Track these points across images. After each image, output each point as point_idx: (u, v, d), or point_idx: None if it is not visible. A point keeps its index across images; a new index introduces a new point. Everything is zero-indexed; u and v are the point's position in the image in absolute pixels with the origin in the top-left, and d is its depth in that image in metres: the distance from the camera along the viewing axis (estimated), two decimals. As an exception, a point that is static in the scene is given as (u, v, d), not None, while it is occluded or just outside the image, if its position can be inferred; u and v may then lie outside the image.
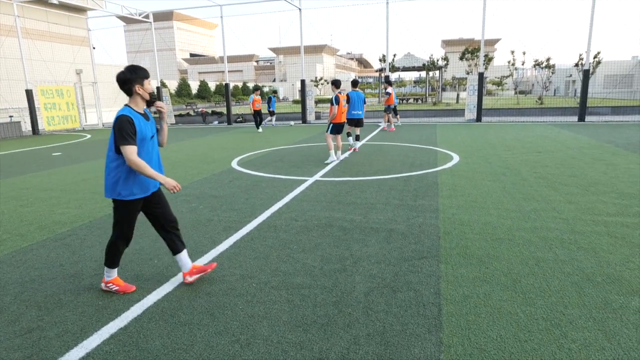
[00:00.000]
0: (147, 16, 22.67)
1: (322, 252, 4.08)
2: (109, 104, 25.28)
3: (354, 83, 10.76)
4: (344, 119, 9.14)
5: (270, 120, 20.54)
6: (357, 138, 10.99)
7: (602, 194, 5.85)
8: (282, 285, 3.39)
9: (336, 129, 9.10)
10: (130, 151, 2.94)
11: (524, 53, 30.95)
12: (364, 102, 10.68)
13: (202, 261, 3.93)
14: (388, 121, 16.51)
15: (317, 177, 7.60)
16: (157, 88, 22.46)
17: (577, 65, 26.91)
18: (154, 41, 22.71)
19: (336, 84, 9.08)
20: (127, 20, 38.56)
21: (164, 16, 70.26)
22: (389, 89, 16.45)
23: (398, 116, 18.56)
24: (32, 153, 12.88)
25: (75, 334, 2.80)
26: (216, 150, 11.92)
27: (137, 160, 2.96)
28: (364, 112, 10.69)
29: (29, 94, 19.62)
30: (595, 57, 27.14)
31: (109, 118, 26.04)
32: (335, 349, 2.55)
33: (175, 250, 3.40)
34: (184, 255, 3.42)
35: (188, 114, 26.01)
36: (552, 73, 31.02)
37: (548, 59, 29.33)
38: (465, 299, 3.08)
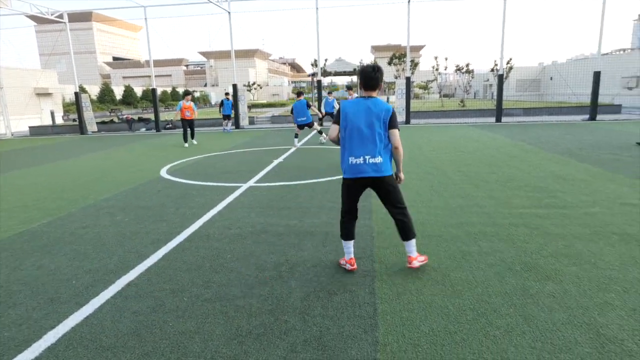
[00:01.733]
0: (60, 16, 21.04)
1: (256, 259, 3.99)
2: (19, 111, 23.10)
3: (298, 94, 12.71)
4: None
5: (227, 126, 19.16)
6: (321, 132, 12.88)
7: (518, 189, 6.32)
8: (216, 297, 3.26)
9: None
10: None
11: (446, 59, 33.04)
12: (308, 107, 12.30)
13: (128, 278, 3.68)
14: None
15: (251, 183, 7.47)
16: (76, 94, 20.91)
17: (492, 70, 29.09)
18: (70, 43, 21.12)
19: (299, 94, 12.42)
20: (38, 20, 35.62)
21: (82, 17, 65.82)
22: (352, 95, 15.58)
23: None
24: None
25: (-24, 371, 2.48)
26: (143, 158, 11.31)
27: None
28: (311, 115, 12.54)
29: None
30: (507, 63, 29.52)
31: (20, 127, 23.82)
32: (271, 359, 2.48)
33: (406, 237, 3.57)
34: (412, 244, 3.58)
35: (112, 121, 24.48)
36: (472, 77, 33.27)
37: (467, 65, 31.45)
38: (399, 296, 3.16)
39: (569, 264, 3.63)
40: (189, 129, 13.84)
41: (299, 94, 12.61)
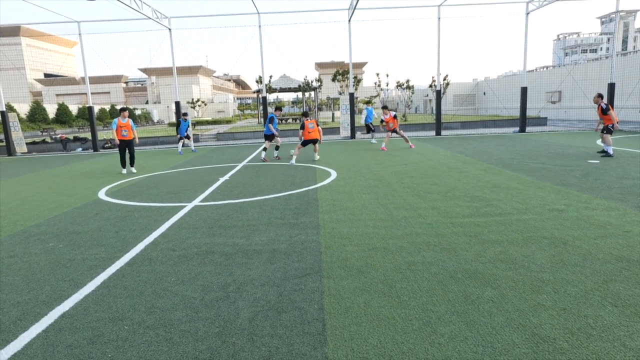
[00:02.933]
0: (-16, 31, 19.60)
1: (203, 281, 3.87)
2: None
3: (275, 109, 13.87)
4: (312, 137, 12.04)
5: (184, 145, 17.63)
6: (277, 148, 13.53)
7: (458, 199, 6.64)
8: (159, 324, 3.12)
9: (304, 143, 12.31)
10: None
11: (387, 75, 34.10)
12: (270, 122, 12.92)
13: (62, 309, 3.42)
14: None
15: (197, 202, 7.27)
16: (2, 113, 19.45)
17: (431, 86, 30.53)
18: (-5, 59, 19.70)
19: (305, 114, 12.76)
20: (-43, 34, 33.02)
21: (9, 31, 61.79)
22: (387, 114, 15.26)
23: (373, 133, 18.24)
24: None
25: None
26: (79, 180, 10.68)
27: None
28: (270, 130, 12.90)
29: None
30: (444, 79, 31.12)
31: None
32: (219, 384, 2.40)
33: None
34: None
35: (44, 141, 22.96)
36: (412, 93, 34.68)
37: (408, 81, 32.73)
38: (347, 311, 3.19)
39: (506, 269, 3.85)
40: (127, 152, 11.50)
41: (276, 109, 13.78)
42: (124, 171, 11.65)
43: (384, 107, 15.54)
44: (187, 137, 17.35)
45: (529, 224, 5.17)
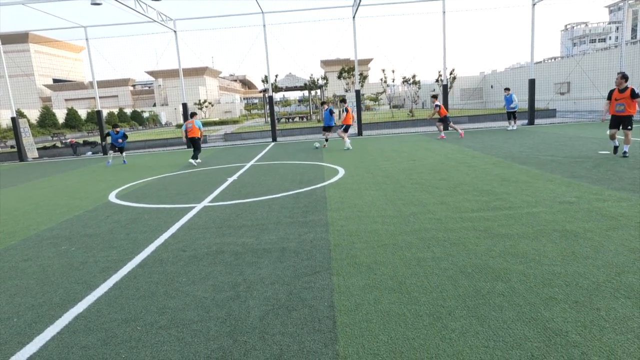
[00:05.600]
0: (-7, 38, 19.89)
1: (213, 281, 3.90)
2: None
3: (322, 103, 17.78)
4: (349, 122, 15.05)
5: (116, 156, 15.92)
6: (327, 140, 15.89)
7: (467, 193, 6.60)
8: (171, 324, 3.15)
9: (345, 128, 14.98)
10: None
11: (393, 71, 34.01)
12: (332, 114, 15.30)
13: (76, 311, 3.47)
14: (448, 129, 17.53)
15: (206, 202, 7.32)
16: (13, 119, 19.72)
17: (437, 80, 30.33)
18: (4, 66, 19.95)
19: (344, 100, 16.30)
20: (-33, 43, 33.45)
21: (17, 38, 62.49)
22: (436, 102, 16.73)
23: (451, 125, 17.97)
24: None
25: None
26: (90, 183, 10.81)
27: None
28: (329, 122, 15.44)
29: None
30: (451, 74, 30.90)
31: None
32: (231, 383, 2.42)
33: None
34: None
35: (54, 146, 23.25)
36: (419, 88, 34.47)
37: (414, 76, 32.55)
38: (358, 307, 3.19)
39: (516, 262, 3.82)
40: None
41: (323, 103, 17.04)
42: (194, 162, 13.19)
43: (434, 96, 17.02)
44: (117, 149, 15.33)
45: (539, 217, 5.12)
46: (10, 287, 4.09)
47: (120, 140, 15.21)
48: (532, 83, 19.88)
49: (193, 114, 13.84)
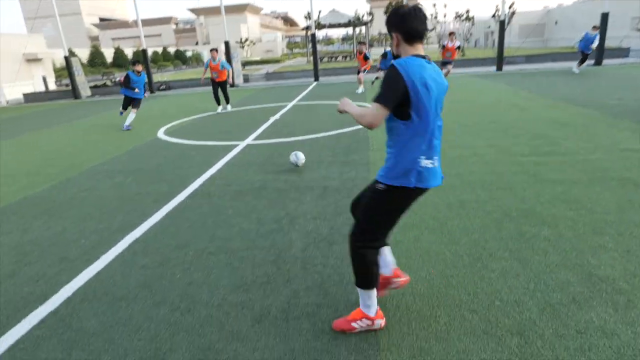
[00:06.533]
0: (42, -25, 20.11)
1: (257, 214, 4.06)
2: (10, 78, 22.65)
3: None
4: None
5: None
6: (377, 78, 15.13)
7: (517, 137, 6.31)
8: (220, 251, 3.35)
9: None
10: None
11: (445, 6, 31.78)
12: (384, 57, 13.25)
13: (133, 236, 3.76)
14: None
15: (249, 141, 7.45)
16: (66, 58, 20.38)
17: (494, 16, 28.17)
18: (54, 5, 20.31)
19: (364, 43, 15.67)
20: (19, -20, 34.10)
21: (64, -25, 62.95)
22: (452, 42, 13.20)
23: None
24: None
25: (1, 324, 2.60)
26: (139, 120, 11.21)
27: None
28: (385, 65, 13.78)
29: None
30: (510, 8, 28.51)
31: (13, 94, 23.44)
32: (276, 304, 2.59)
33: None
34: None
35: (105, 85, 24.05)
36: (472, 25, 32.25)
37: (467, 11, 30.36)
38: (397, 244, 3.24)
39: (566, 209, 3.69)
40: (220, 92, 11.77)
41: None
42: (220, 109, 11.90)
43: (451, 33, 13.63)
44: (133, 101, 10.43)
45: (595, 163, 4.85)
46: (74, 214, 4.45)
47: (136, 90, 10.21)
48: (604, 17, 17.87)
49: (213, 50, 11.62)
